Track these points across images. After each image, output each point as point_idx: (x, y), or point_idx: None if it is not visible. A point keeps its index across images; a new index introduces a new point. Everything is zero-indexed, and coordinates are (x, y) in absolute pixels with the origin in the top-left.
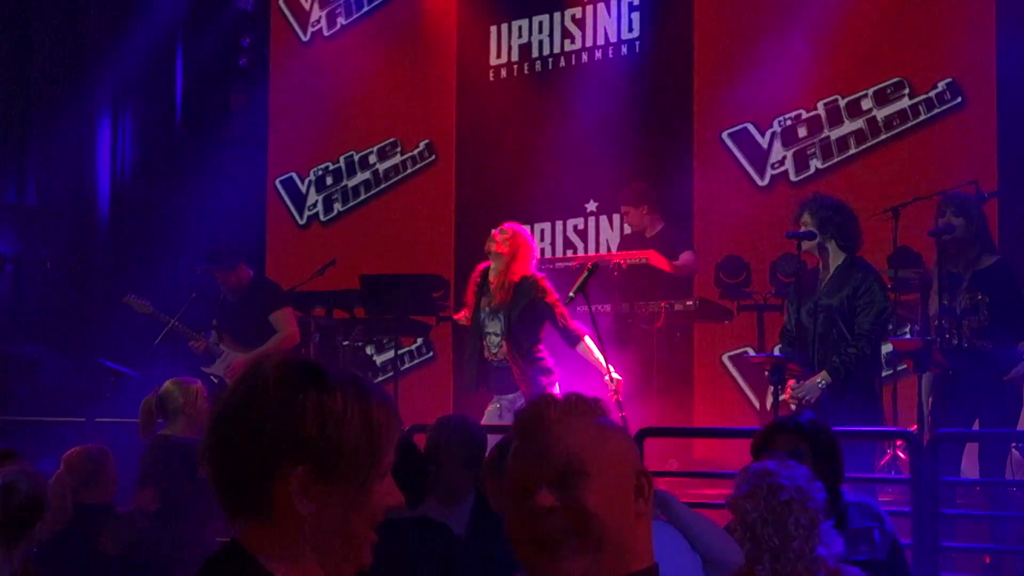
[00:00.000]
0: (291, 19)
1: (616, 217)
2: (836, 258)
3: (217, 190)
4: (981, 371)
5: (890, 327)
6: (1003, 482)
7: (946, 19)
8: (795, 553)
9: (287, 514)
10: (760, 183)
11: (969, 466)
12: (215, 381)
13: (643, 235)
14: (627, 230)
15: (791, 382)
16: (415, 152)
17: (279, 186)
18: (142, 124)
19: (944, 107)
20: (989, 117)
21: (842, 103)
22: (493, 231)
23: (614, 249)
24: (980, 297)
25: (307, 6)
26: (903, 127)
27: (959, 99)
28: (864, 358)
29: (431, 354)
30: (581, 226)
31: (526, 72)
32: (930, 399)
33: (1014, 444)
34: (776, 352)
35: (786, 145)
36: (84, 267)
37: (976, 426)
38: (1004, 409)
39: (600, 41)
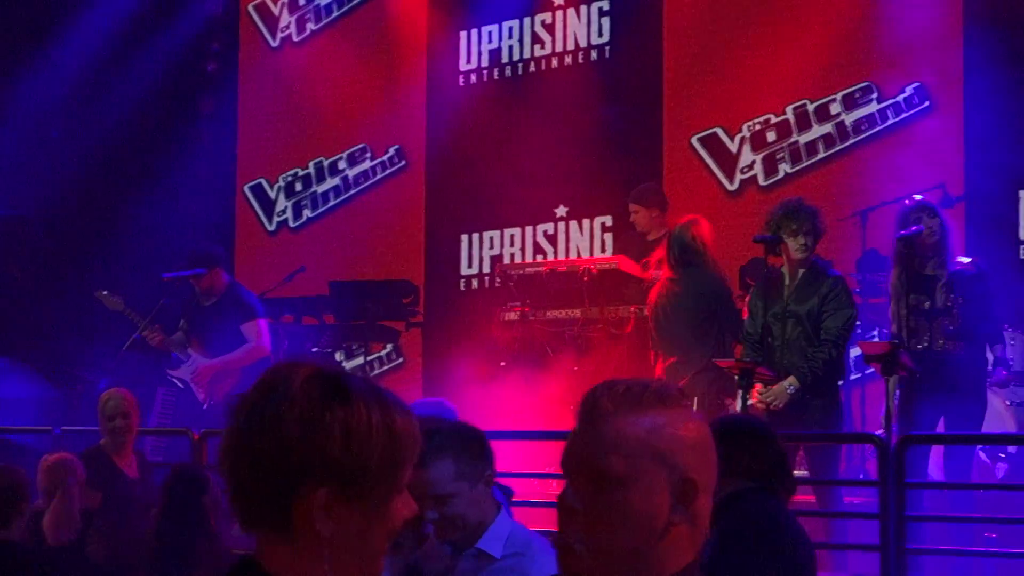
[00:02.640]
0: (260, 25)
1: (586, 222)
2: (804, 263)
3: (186, 196)
4: (949, 374)
5: (857, 331)
6: (969, 485)
7: (914, 24)
8: None
9: (307, 532)
10: (729, 188)
11: (934, 469)
12: (180, 386)
13: (645, 236)
14: (597, 232)
15: (758, 386)
16: (385, 158)
17: (248, 192)
18: (109, 129)
19: (912, 111)
20: (956, 122)
21: (811, 107)
22: None
23: (585, 253)
24: (954, 298)
25: (276, 12)
26: (871, 131)
27: (927, 104)
28: (831, 363)
29: (401, 360)
30: (551, 231)
31: (496, 77)
32: (896, 402)
33: (981, 447)
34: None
35: (755, 150)
36: (51, 274)
37: (941, 429)
38: (969, 412)
39: (570, 46)
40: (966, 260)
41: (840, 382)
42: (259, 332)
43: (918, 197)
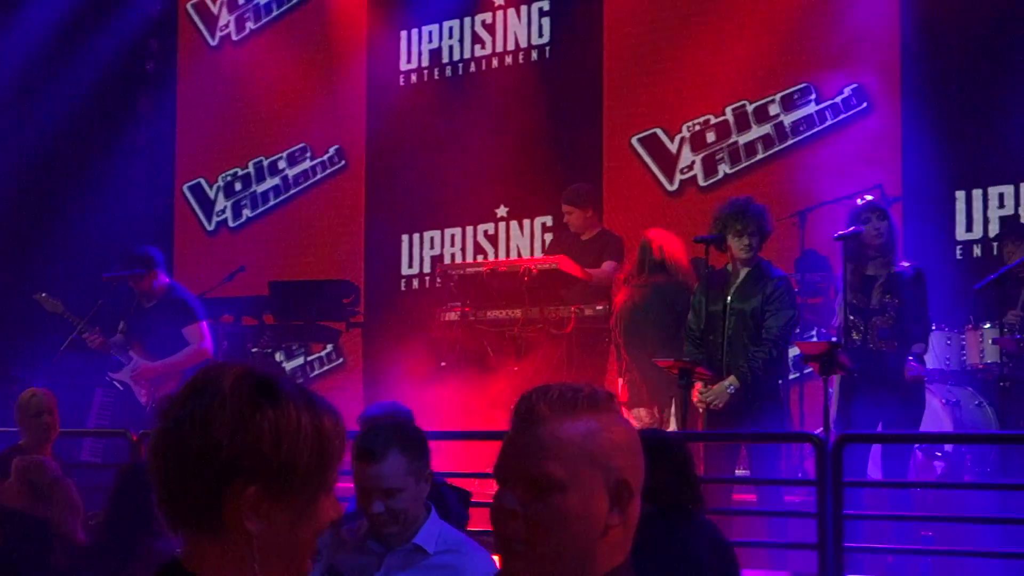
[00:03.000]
0: (199, 23)
1: (527, 222)
2: (748, 262)
3: (124, 196)
4: (885, 373)
5: (796, 331)
6: (907, 484)
7: (852, 26)
8: None
9: (236, 530)
10: (669, 188)
11: (874, 467)
12: (120, 388)
13: (579, 237)
14: (537, 231)
15: (698, 385)
16: (325, 158)
17: (187, 192)
18: (47, 128)
19: (850, 112)
20: (894, 123)
21: (750, 108)
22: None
23: (525, 253)
24: (890, 299)
25: (215, 10)
26: (810, 132)
27: (865, 105)
28: (772, 363)
29: (341, 360)
30: (492, 231)
31: (436, 77)
32: (836, 401)
33: (918, 445)
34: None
35: (695, 150)
36: None
37: (880, 428)
38: (907, 411)
39: (510, 46)
40: (906, 264)
41: (781, 381)
42: (201, 335)
43: (869, 197)
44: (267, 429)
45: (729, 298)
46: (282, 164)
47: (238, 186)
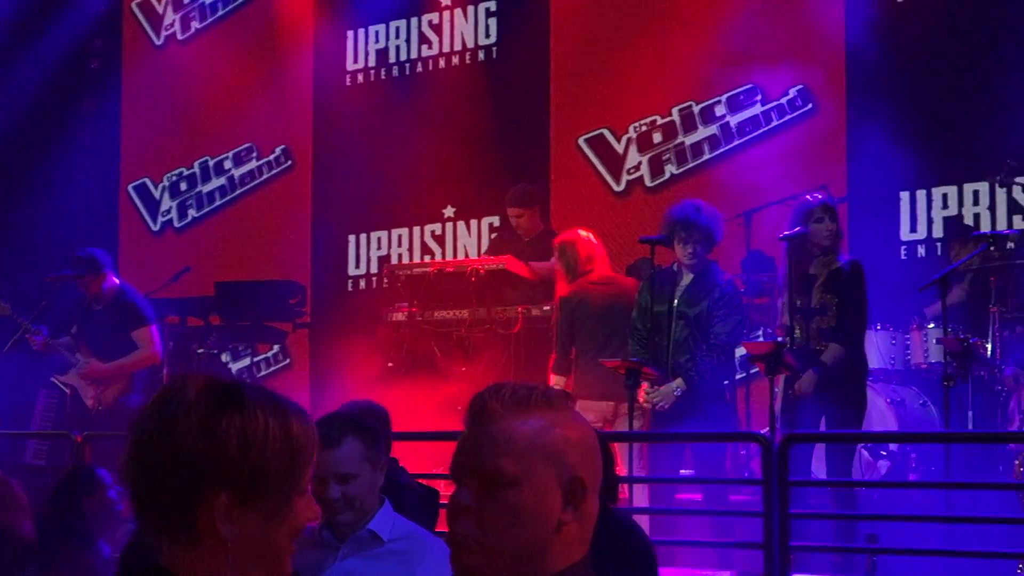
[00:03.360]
0: (144, 22)
1: (474, 222)
2: (693, 267)
3: (68, 195)
4: (826, 373)
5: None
6: (853, 482)
7: (797, 27)
8: None
9: (210, 536)
10: (616, 188)
11: (818, 466)
12: (67, 392)
13: (523, 238)
14: (484, 232)
15: (644, 385)
16: (271, 157)
17: (132, 192)
18: None
19: (795, 113)
20: (839, 123)
21: (696, 109)
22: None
23: (473, 253)
24: (829, 297)
25: (160, 9)
26: (756, 133)
27: (810, 106)
28: (720, 367)
29: (287, 361)
30: (439, 232)
31: (383, 77)
32: (780, 401)
33: (863, 445)
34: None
35: (641, 151)
36: None
37: (822, 426)
38: (849, 410)
39: (457, 47)
40: (843, 260)
41: (727, 382)
42: (150, 339)
43: (819, 196)
44: (234, 435)
45: (676, 301)
46: (228, 164)
47: (184, 186)
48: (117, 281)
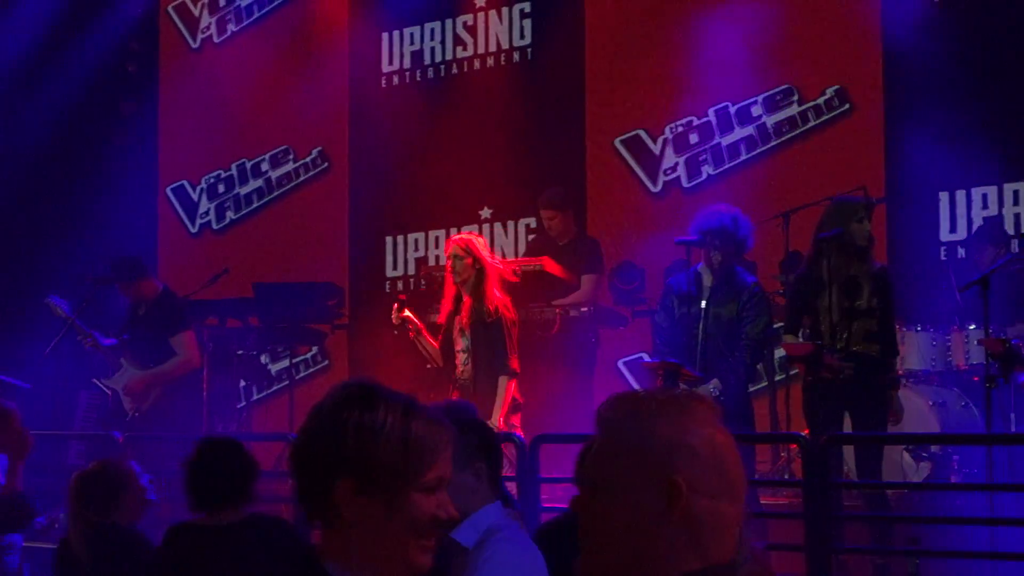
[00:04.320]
0: (180, 25)
1: (511, 224)
2: (726, 261)
3: (108, 198)
4: (863, 374)
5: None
6: (895, 484)
7: (833, 27)
8: None
9: (339, 520)
10: (653, 189)
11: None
12: (108, 392)
13: (557, 242)
14: (522, 239)
15: (682, 388)
16: (308, 159)
17: (170, 194)
18: (30, 130)
19: (832, 114)
20: (876, 123)
21: (732, 110)
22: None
23: (510, 255)
24: (876, 301)
25: (196, 13)
26: (792, 134)
27: (847, 106)
28: (751, 367)
29: (326, 362)
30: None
31: (418, 79)
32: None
33: (906, 447)
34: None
35: (678, 152)
36: None
37: (846, 427)
38: (878, 412)
39: (492, 48)
40: (878, 265)
41: (756, 386)
42: (188, 344)
43: (860, 194)
44: (352, 429)
45: (704, 302)
46: (265, 166)
47: (221, 188)
48: (161, 285)
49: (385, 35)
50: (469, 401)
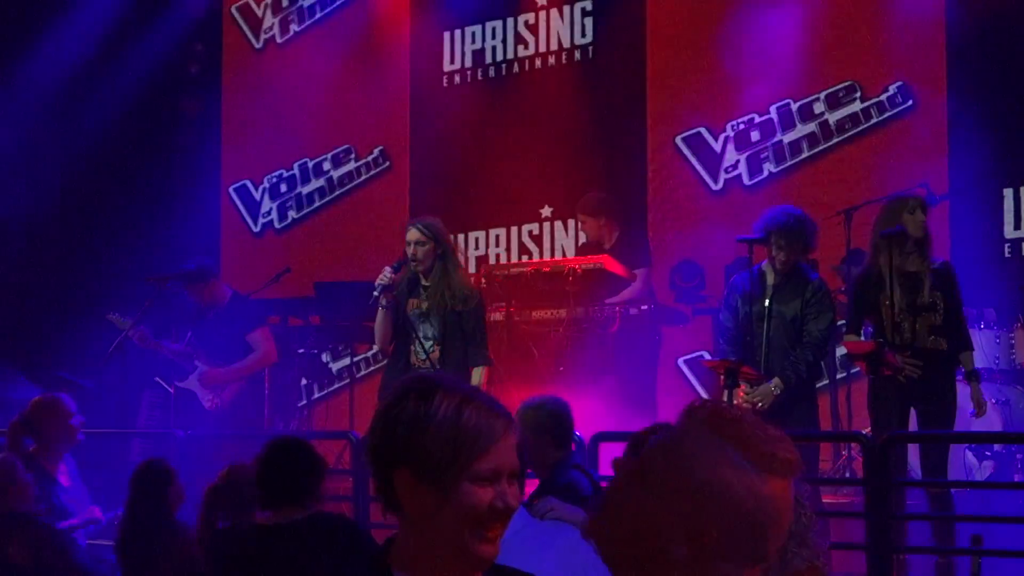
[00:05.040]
0: (243, 26)
1: (571, 222)
2: (789, 261)
3: (171, 198)
4: (930, 370)
5: (841, 329)
6: (958, 483)
7: (896, 23)
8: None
9: (405, 513)
10: (714, 187)
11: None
12: (169, 389)
13: (601, 244)
14: (582, 238)
15: (743, 386)
16: (369, 159)
17: (233, 194)
18: (93, 132)
19: (895, 110)
20: (939, 120)
21: (794, 107)
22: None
23: (570, 253)
24: (938, 295)
25: (259, 13)
26: (855, 130)
27: (910, 102)
28: (814, 366)
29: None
30: (536, 231)
31: (479, 78)
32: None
33: (967, 445)
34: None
35: (739, 149)
36: (36, 277)
37: (912, 425)
38: (946, 410)
39: (553, 46)
40: (939, 261)
41: (818, 384)
42: (265, 339)
43: (922, 191)
44: (404, 420)
45: (768, 300)
46: (327, 165)
47: (283, 187)
48: (229, 289)
49: (446, 34)
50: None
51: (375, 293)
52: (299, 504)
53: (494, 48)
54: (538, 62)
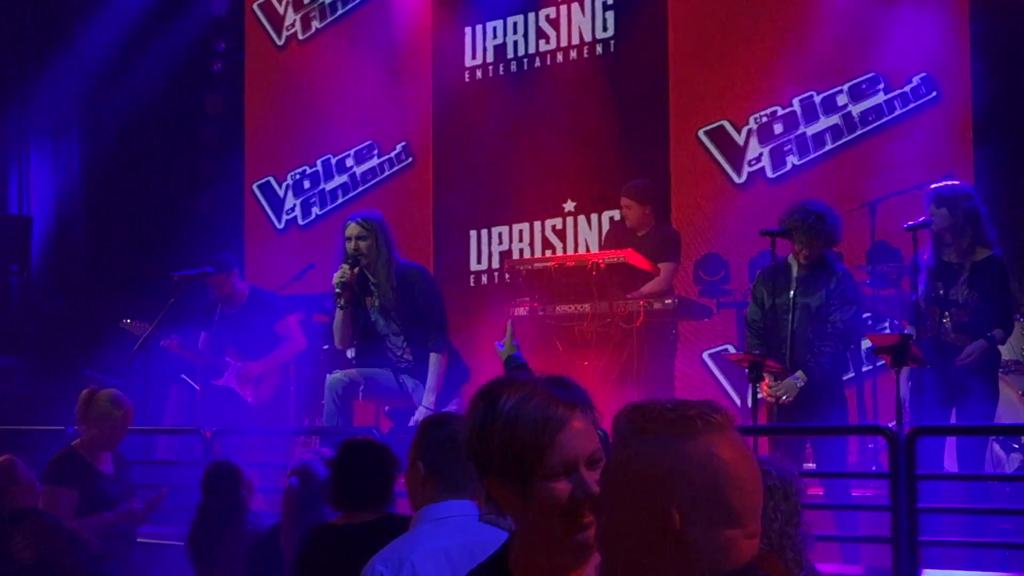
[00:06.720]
0: (265, 23)
1: (595, 216)
2: (812, 255)
3: (195, 195)
4: (961, 364)
5: (868, 322)
6: (982, 476)
7: (919, 13)
8: (776, 534)
9: (507, 513)
10: (737, 180)
11: (949, 462)
12: (195, 387)
13: (635, 232)
14: (605, 226)
15: (767, 379)
16: (392, 155)
17: (256, 190)
18: (118, 130)
19: (919, 102)
20: (964, 111)
21: (817, 99)
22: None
23: (594, 247)
24: (972, 291)
25: (281, 10)
26: (879, 122)
27: (934, 94)
28: (838, 357)
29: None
30: (559, 226)
31: (501, 73)
32: (908, 394)
33: (994, 438)
34: (752, 348)
35: (763, 142)
36: (61, 274)
37: (952, 419)
38: (982, 403)
39: (575, 41)
40: (987, 253)
41: (845, 376)
42: (293, 328)
43: (956, 183)
44: (475, 426)
45: (793, 292)
46: (350, 162)
47: (307, 184)
48: (247, 284)
49: (468, 29)
50: None
51: (336, 291)
52: (372, 507)
53: (516, 43)
54: (560, 56)
